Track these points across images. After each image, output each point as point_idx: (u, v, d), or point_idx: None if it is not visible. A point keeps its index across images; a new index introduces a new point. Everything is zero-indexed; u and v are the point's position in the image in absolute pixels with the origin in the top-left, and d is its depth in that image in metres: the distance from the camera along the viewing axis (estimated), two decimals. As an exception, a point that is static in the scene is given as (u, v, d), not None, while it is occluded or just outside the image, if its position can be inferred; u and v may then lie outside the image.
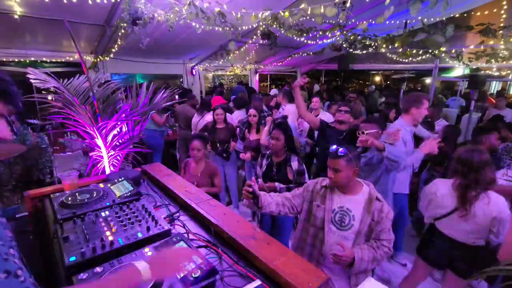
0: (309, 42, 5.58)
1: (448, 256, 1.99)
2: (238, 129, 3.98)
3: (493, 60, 5.21)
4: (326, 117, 4.01)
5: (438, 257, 2.06)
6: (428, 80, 11.05)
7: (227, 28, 3.64)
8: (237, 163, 4.06)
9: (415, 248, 2.24)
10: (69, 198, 1.47)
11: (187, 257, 0.87)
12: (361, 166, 1.96)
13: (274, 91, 7.76)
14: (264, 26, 4.05)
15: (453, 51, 5.54)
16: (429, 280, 2.60)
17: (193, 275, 0.89)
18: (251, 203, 1.61)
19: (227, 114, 3.95)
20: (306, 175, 2.45)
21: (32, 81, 2.11)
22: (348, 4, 2.86)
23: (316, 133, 3.66)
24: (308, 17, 3.21)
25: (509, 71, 8.72)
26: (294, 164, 2.40)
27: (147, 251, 1.08)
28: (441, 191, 1.98)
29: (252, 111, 3.64)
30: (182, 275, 0.88)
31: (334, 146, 1.62)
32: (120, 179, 1.73)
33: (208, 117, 4.20)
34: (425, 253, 2.15)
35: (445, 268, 2.08)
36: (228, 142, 3.70)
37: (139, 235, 1.18)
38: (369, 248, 1.54)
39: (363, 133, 2.43)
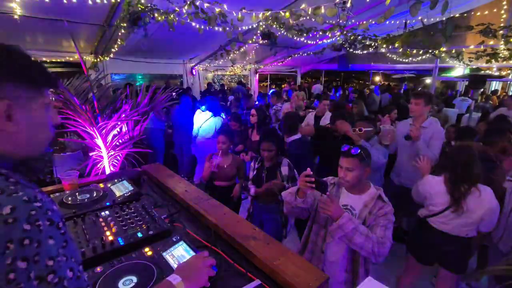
0: (309, 42, 5.58)
1: (439, 251, 2.03)
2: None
3: (493, 60, 5.21)
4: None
5: (427, 252, 2.10)
6: (428, 80, 11.06)
7: (227, 28, 3.63)
8: None
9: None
10: (69, 198, 1.47)
11: (210, 267, 0.90)
12: None
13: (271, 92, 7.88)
14: (264, 26, 4.05)
15: (453, 51, 5.55)
16: (426, 281, 2.60)
17: None
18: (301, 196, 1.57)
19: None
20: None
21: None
22: (348, 4, 2.86)
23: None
24: (308, 17, 3.21)
25: (509, 71, 8.73)
26: (284, 169, 2.36)
27: (147, 251, 1.08)
28: (435, 188, 2.01)
29: (253, 111, 3.64)
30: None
31: (346, 145, 1.61)
32: (120, 179, 1.73)
33: (213, 118, 4.16)
34: (414, 249, 2.19)
35: (433, 263, 2.11)
36: (243, 144, 3.77)
37: (139, 235, 1.18)
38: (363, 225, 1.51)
39: (360, 130, 2.50)
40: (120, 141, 2.35)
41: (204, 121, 4.16)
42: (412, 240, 2.24)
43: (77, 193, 1.54)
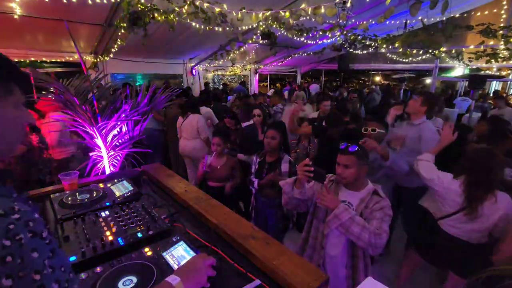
0: (309, 42, 5.58)
1: (450, 256, 1.97)
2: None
3: (493, 60, 5.21)
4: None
5: (439, 256, 2.05)
6: (428, 80, 11.06)
7: (227, 28, 3.63)
8: None
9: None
10: (69, 198, 1.47)
11: (210, 267, 0.89)
12: None
13: (272, 92, 7.88)
14: (264, 26, 4.05)
15: (453, 51, 5.55)
16: (429, 278, 2.61)
17: None
18: (301, 183, 1.58)
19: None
20: None
21: (33, 81, 2.11)
22: (348, 4, 2.86)
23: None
24: (308, 17, 3.21)
25: (509, 71, 8.73)
26: (284, 166, 2.37)
27: (147, 251, 1.08)
28: (450, 187, 1.93)
29: (256, 111, 3.59)
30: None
31: (345, 143, 1.63)
32: (120, 179, 1.73)
33: (193, 118, 3.93)
34: (425, 252, 2.14)
35: (445, 267, 2.07)
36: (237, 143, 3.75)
37: (139, 235, 1.18)
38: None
39: (373, 130, 2.38)
40: (120, 141, 2.35)
41: (183, 121, 3.99)
42: (423, 243, 2.17)
43: (77, 193, 1.54)
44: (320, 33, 4.85)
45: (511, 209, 1.73)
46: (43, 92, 2.70)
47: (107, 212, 1.36)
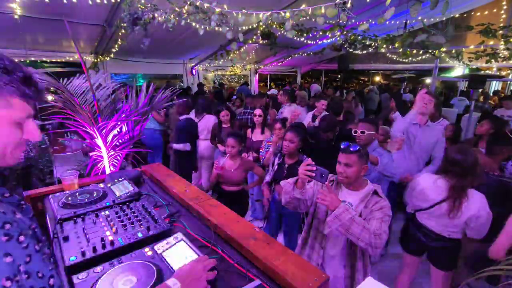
0: (309, 42, 5.58)
1: (426, 246, 2.07)
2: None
3: (493, 60, 5.21)
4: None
5: (417, 247, 2.15)
6: (428, 80, 11.05)
7: (228, 28, 3.63)
8: None
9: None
10: (69, 198, 1.47)
11: (209, 270, 0.89)
12: None
13: (272, 91, 7.81)
14: (264, 26, 4.05)
15: (453, 51, 5.55)
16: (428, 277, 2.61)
17: None
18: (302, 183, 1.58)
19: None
20: None
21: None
22: (348, 5, 2.85)
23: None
24: (308, 17, 3.21)
25: (509, 71, 8.73)
26: None
27: (147, 251, 1.08)
28: (423, 184, 2.03)
29: (257, 111, 3.61)
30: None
31: (346, 142, 1.64)
32: (120, 179, 1.72)
33: (209, 118, 4.15)
34: (406, 244, 2.24)
35: (422, 253, 2.16)
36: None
37: (139, 235, 1.18)
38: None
39: (362, 133, 2.43)
40: (120, 141, 2.35)
41: (198, 121, 4.09)
42: (403, 234, 2.29)
43: (77, 193, 1.54)
44: (320, 33, 4.85)
45: (481, 210, 1.78)
46: (43, 92, 2.70)
47: (107, 212, 1.36)
